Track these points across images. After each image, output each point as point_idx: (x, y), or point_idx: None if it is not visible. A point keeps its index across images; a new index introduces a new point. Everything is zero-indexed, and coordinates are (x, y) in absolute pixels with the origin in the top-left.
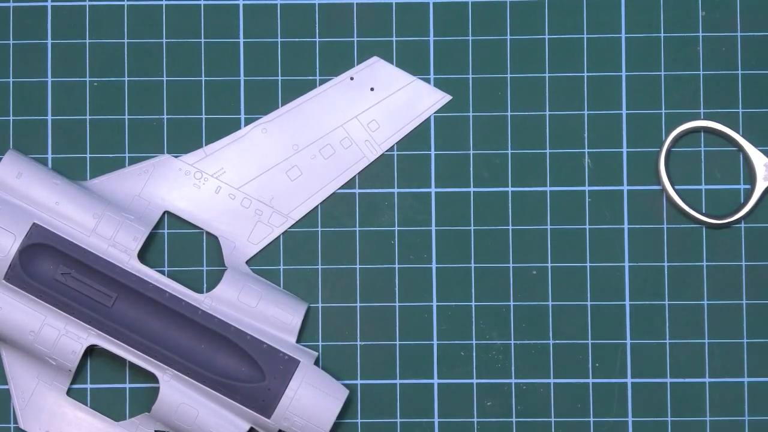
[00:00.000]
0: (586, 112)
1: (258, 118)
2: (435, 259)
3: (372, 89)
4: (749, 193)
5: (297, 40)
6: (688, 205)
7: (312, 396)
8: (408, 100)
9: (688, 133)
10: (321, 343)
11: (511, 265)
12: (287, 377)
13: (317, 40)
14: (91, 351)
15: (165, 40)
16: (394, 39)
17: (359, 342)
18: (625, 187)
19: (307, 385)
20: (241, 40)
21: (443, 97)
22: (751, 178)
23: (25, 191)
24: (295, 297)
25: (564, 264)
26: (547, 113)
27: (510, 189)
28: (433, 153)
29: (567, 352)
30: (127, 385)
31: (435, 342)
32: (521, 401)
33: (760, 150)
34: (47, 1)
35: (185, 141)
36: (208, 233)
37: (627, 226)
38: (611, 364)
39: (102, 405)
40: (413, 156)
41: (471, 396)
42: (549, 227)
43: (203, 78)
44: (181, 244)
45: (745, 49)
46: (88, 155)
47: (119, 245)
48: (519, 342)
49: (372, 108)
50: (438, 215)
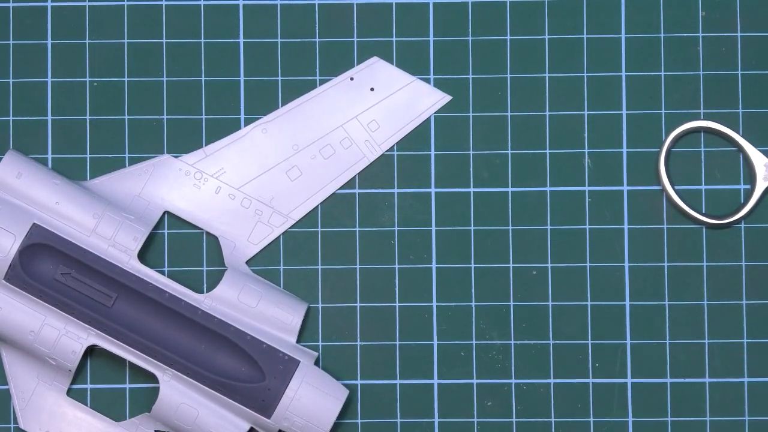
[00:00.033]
0: (586, 112)
1: (258, 118)
2: (435, 259)
3: (372, 89)
4: (749, 193)
5: (297, 40)
6: (688, 205)
7: (312, 396)
8: (408, 100)
9: (688, 133)
10: (321, 343)
11: (511, 265)
12: (287, 377)
13: (317, 40)
14: (91, 351)
15: (165, 40)
16: (394, 39)
17: (359, 342)
18: (625, 187)
19: (307, 385)
20: (241, 40)
21: (443, 97)
22: (751, 178)
23: (25, 191)
24: (295, 297)
25: (564, 264)
26: (547, 113)
27: (510, 189)
28: (433, 153)
29: (567, 352)
30: (127, 385)
31: (435, 342)
32: (521, 401)
33: (760, 150)
34: (47, 1)
35: (185, 141)
36: (208, 233)
37: (627, 226)
38: (611, 364)
39: (102, 405)
40: (413, 156)
41: (471, 396)
42: (549, 227)
43: (203, 78)
44: (181, 244)
45: (745, 49)
46: (88, 155)
47: (119, 245)
48: (519, 342)
49: (372, 108)
50: (438, 215)
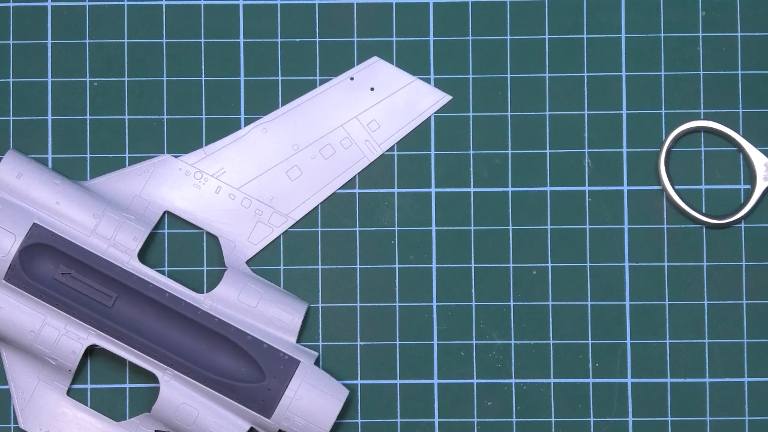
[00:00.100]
0: (586, 112)
1: (258, 118)
2: (435, 259)
3: (372, 89)
4: (749, 193)
5: (297, 40)
6: (688, 205)
7: (312, 396)
8: (408, 100)
9: (688, 133)
10: (321, 343)
11: (511, 265)
12: (287, 377)
13: (317, 40)
14: (91, 351)
15: (165, 40)
16: (394, 39)
17: (359, 342)
18: (625, 187)
19: (308, 385)
20: (241, 40)
21: (443, 97)
22: (751, 178)
23: (25, 191)
24: (295, 297)
25: (564, 264)
26: (547, 113)
27: (510, 189)
28: (433, 153)
29: (567, 352)
30: (127, 385)
31: (435, 342)
32: (521, 401)
33: (760, 150)
34: (47, 1)
35: (185, 141)
36: (208, 233)
37: (627, 226)
38: (611, 364)
39: (102, 405)
40: (413, 156)
41: (471, 396)
42: (549, 227)
43: (203, 78)
44: (181, 244)
45: (745, 49)
46: (88, 155)
47: (119, 245)
48: (519, 342)
49: (372, 108)
50: (438, 215)
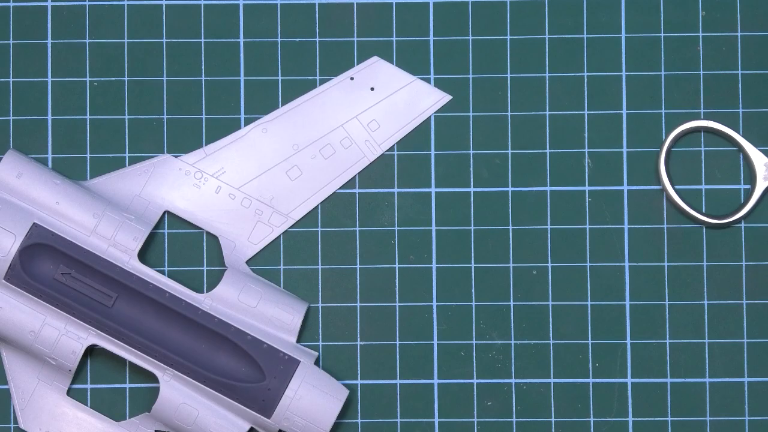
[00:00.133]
0: (586, 112)
1: (258, 118)
2: (435, 259)
3: (372, 89)
4: (749, 193)
5: (297, 40)
6: (688, 205)
7: (312, 396)
8: (408, 100)
9: (688, 133)
10: (321, 343)
11: (511, 265)
12: (287, 377)
13: (317, 40)
14: (91, 351)
15: (165, 40)
16: (394, 39)
17: (359, 342)
18: (625, 187)
19: (308, 385)
20: (241, 40)
21: (443, 97)
22: (751, 178)
23: (25, 191)
24: (295, 297)
25: (564, 264)
26: (547, 113)
27: (510, 189)
28: (433, 153)
29: (567, 352)
30: (127, 385)
31: (435, 342)
32: (521, 401)
33: (760, 150)
34: (47, 1)
35: (185, 141)
36: (208, 233)
37: (627, 226)
38: (611, 364)
39: (102, 405)
40: (413, 156)
41: (471, 396)
42: (549, 227)
43: (203, 78)
44: (181, 244)
45: (745, 49)
46: (88, 155)
47: (119, 245)
48: (519, 342)
49: (372, 108)
50: (438, 215)
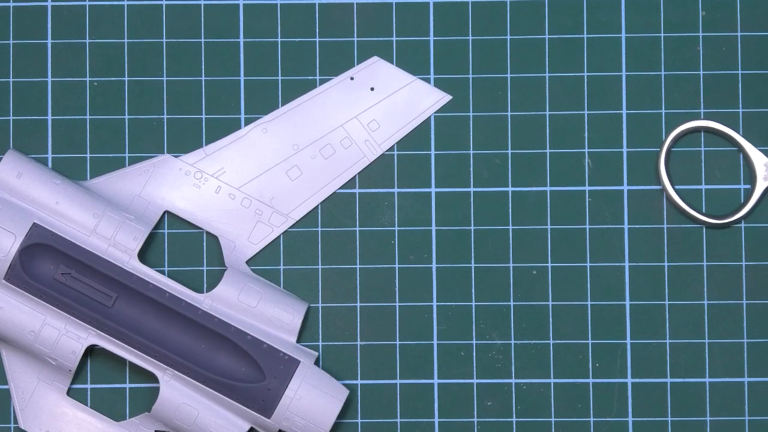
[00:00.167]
0: (586, 112)
1: (258, 118)
2: (435, 259)
3: (372, 89)
4: (749, 193)
5: (297, 40)
6: (688, 205)
7: (312, 396)
8: (408, 100)
9: (688, 133)
10: (321, 343)
11: (511, 265)
12: (287, 377)
13: (317, 40)
14: (91, 351)
15: (165, 40)
16: (394, 39)
17: (359, 342)
18: (625, 187)
19: (308, 385)
20: (241, 40)
21: (443, 97)
22: (751, 178)
23: (25, 191)
24: (295, 297)
25: (564, 264)
26: (547, 113)
27: (510, 189)
28: (433, 153)
29: (567, 352)
30: (127, 385)
31: (435, 342)
32: (521, 401)
33: (760, 150)
34: (47, 1)
35: (185, 141)
36: (208, 233)
37: (627, 226)
38: (611, 364)
39: (102, 405)
40: (413, 156)
41: (471, 396)
42: (549, 227)
43: (203, 78)
44: (181, 244)
45: (745, 49)
46: (88, 155)
47: (119, 245)
48: (519, 342)
49: (372, 108)
50: (438, 215)
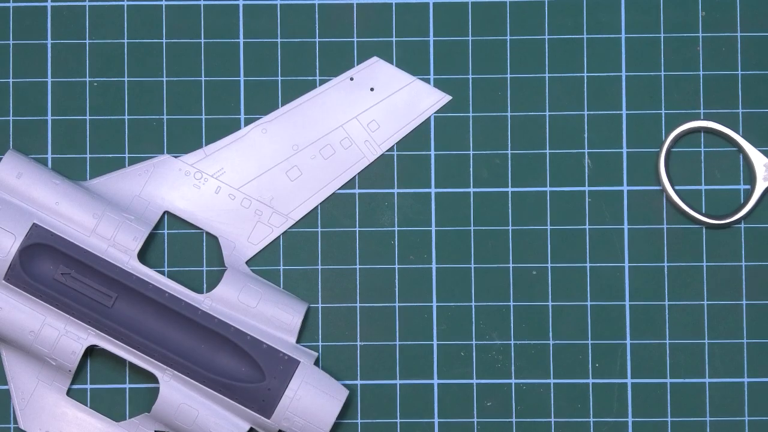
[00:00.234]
0: (586, 112)
1: (258, 118)
2: (435, 259)
3: (372, 89)
4: (749, 193)
5: (297, 40)
6: (688, 205)
7: (312, 396)
8: (408, 100)
9: (688, 133)
10: (321, 343)
11: (511, 265)
12: (287, 377)
13: (317, 40)
14: (91, 351)
15: (165, 40)
16: (394, 39)
17: (359, 342)
18: (625, 187)
19: (307, 386)
20: (241, 40)
21: (443, 97)
22: (751, 178)
23: (25, 191)
24: (295, 297)
25: (564, 264)
26: (547, 113)
27: (510, 189)
28: (433, 153)
29: (567, 352)
30: (127, 385)
31: (435, 342)
32: (521, 401)
33: (760, 150)
34: (47, 1)
35: (185, 141)
36: (208, 233)
37: (627, 226)
38: (611, 364)
39: (102, 405)
40: (413, 156)
41: (471, 396)
42: (549, 227)
43: (203, 78)
44: (181, 244)
45: (745, 49)
46: (88, 155)
47: (119, 245)
48: (519, 342)
49: (372, 108)
50: (438, 215)
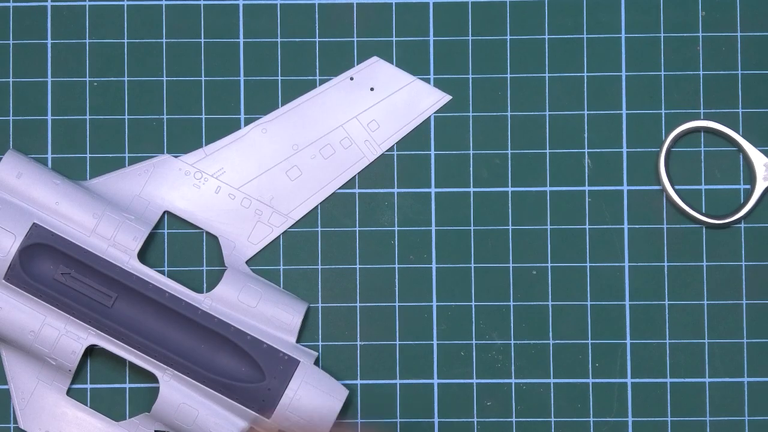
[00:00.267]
0: (586, 112)
1: (258, 118)
2: (435, 259)
3: (372, 89)
4: (749, 193)
5: (297, 40)
6: (688, 205)
7: (312, 396)
8: (408, 100)
9: (688, 133)
10: (321, 343)
11: (511, 265)
12: (287, 377)
13: (317, 40)
14: (91, 351)
15: (165, 40)
16: (394, 39)
17: (359, 342)
18: (625, 187)
19: (307, 386)
20: (241, 40)
21: (443, 97)
22: (751, 178)
23: (25, 191)
24: (295, 297)
25: (564, 264)
26: (547, 113)
27: (510, 189)
28: (433, 153)
29: (567, 352)
30: (127, 385)
31: (435, 342)
32: (521, 401)
33: (760, 150)
34: (47, 1)
35: (185, 141)
36: (208, 233)
37: (627, 226)
38: (611, 364)
39: (102, 405)
40: (413, 156)
41: (471, 396)
42: (549, 227)
43: (203, 78)
44: (181, 244)
45: (745, 49)
46: (88, 155)
47: (119, 245)
48: (519, 342)
49: (372, 108)
50: (438, 215)
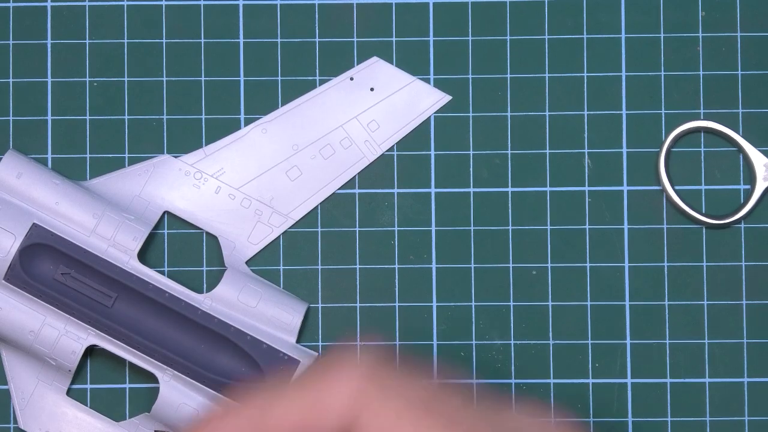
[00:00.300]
0: (586, 112)
1: (258, 118)
2: (435, 259)
3: (372, 89)
4: (749, 193)
5: (297, 40)
6: (688, 205)
7: None
8: (408, 100)
9: (688, 133)
10: (321, 343)
11: (511, 265)
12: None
13: (317, 40)
14: (91, 351)
15: (165, 40)
16: (394, 39)
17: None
18: (625, 187)
19: None
20: (241, 40)
21: (443, 97)
22: (751, 178)
23: (25, 191)
24: (295, 297)
25: (564, 264)
26: (547, 113)
27: (510, 189)
28: (433, 153)
29: (567, 352)
30: (127, 385)
31: (435, 342)
32: (521, 401)
33: (760, 150)
34: (47, 1)
35: (185, 141)
36: (208, 233)
37: (627, 226)
38: (611, 364)
39: (102, 405)
40: (413, 156)
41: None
42: (549, 227)
43: (203, 78)
44: (181, 244)
45: (745, 49)
46: (88, 155)
47: (119, 245)
48: (519, 342)
49: (372, 108)
50: (438, 215)
